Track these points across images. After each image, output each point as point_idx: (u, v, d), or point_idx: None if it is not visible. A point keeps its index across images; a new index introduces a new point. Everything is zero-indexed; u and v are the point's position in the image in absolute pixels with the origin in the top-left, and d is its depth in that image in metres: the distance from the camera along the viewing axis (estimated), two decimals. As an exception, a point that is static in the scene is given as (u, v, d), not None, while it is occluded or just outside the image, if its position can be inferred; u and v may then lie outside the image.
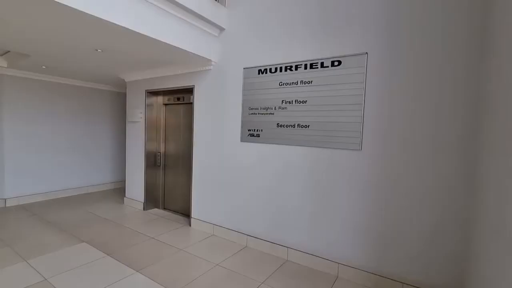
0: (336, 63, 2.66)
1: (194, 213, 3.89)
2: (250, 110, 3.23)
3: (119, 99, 6.25)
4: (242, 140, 3.33)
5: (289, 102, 2.94)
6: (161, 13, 2.76)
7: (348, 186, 2.66)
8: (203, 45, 3.31)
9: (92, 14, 2.21)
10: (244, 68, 3.27)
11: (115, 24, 2.39)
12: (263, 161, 3.19)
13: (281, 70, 2.99)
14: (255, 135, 3.21)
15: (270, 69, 3.06)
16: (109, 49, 3.24)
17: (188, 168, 4.22)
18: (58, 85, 5.19)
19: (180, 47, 3.02)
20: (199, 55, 3.28)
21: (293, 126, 2.93)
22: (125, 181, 6.22)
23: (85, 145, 5.70)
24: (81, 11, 2.15)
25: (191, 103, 3.96)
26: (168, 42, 2.87)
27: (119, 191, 5.98)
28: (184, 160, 4.36)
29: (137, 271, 2.70)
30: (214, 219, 3.67)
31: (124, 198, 5.02)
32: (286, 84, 2.96)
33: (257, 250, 3.26)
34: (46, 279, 2.52)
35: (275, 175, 3.11)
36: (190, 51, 3.13)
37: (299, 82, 2.87)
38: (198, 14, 3.01)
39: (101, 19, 2.29)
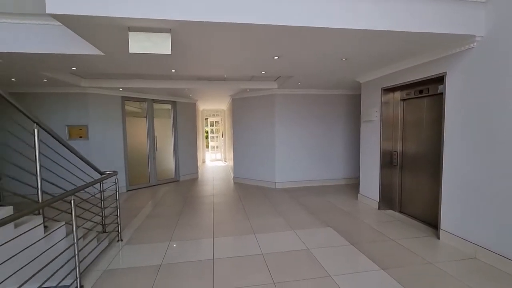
0: None
1: (444, 224, 3.27)
2: (554, 90, 2.16)
3: (351, 101, 6.69)
4: (535, 136, 2.32)
5: None
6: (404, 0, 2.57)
7: None
8: (461, 19, 2.67)
9: (351, 27, 2.50)
10: (539, 32, 2.25)
11: (366, 29, 2.54)
12: None
13: None
14: None
15: None
16: (352, 56, 3.53)
17: (433, 170, 3.63)
18: (306, 96, 6.49)
19: (429, 31, 2.64)
20: (455, 34, 2.70)
21: None
22: (355, 178, 6.59)
23: (323, 144, 6.68)
24: (342, 28, 2.50)
25: (440, 94, 3.36)
26: (414, 30, 2.62)
27: (350, 187, 6.39)
28: (427, 160, 3.80)
29: (381, 269, 2.70)
30: (479, 239, 2.86)
31: (358, 194, 5.28)
32: None
33: None
34: (308, 249, 3.20)
35: None
36: (442, 32, 2.66)
37: None
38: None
39: (356, 29, 2.53)
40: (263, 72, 4.47)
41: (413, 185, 4.14)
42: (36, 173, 2.27)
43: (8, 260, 1.65)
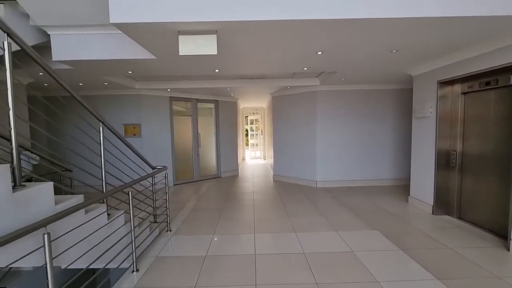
0: None
1: (516, 235, 2.86)
2: None
3: (401, 96, 6.20)
4: None
5: None
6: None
7: None
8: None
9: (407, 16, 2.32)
10: None
11: (423, 17, 2.32)
12: None
13: None
14: None
15: None
16: (403, 47, 3.26)
17: (502, 172, 3.20)
18: (350, 92, 6.19)
19: (501, 14, 2.31)
20: (534, 15, 2.33)
21: None
22: (404, 179, 6.11)
23: (368, 142, 6.32)
24: (396, 18, 2.33)
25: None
26: (482, 14, 2.32)
27: (399, 188, 5.95)
28: (495, 161, 3.35)
29: (437, 279, 2.47)
30: (561, 254, 2.44)
31: (408, 197, 4.89)
32: None
33: None
34: (352, 251, 3.06)
35: None
36: (519, 14, 2.31)
37: None
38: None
39: (411, 17, 2.34)
40: (305, 68, 4.38)
41: (475, 189, 3.69)
42: (101, 166, 2.55)
43: (73, 240, 1.89)
